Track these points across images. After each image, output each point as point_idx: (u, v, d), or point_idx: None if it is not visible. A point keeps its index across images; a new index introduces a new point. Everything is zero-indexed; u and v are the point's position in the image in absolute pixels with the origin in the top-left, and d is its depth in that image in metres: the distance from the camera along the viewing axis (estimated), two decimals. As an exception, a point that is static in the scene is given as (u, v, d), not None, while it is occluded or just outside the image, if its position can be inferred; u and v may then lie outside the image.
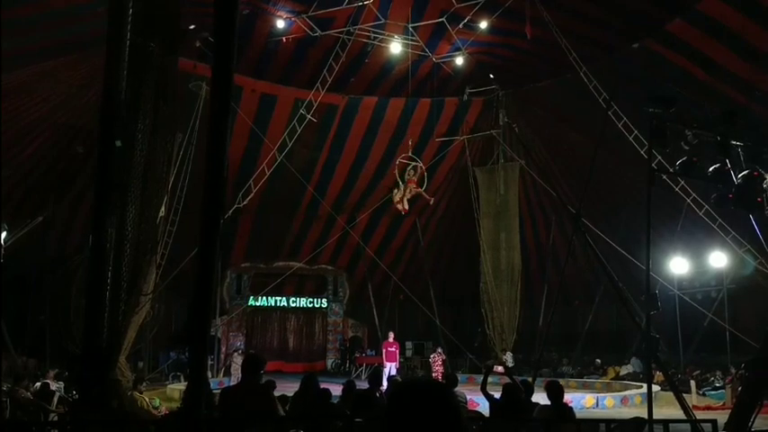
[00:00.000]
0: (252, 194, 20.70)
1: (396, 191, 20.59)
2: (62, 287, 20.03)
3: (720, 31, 15.50)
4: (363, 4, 18.41)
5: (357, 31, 19.64)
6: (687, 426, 6.63)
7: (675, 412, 8.15)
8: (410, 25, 19.49)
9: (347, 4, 18.29)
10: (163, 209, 13.13)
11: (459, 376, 14.04)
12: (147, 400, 12.51)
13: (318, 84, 20.40)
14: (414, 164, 20.40)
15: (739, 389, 12.75)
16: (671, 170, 11.88)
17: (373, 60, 21.08)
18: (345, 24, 19.39)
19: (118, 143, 6.59)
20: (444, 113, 23.90)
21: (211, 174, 4.64)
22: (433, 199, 21.40)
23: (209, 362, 21.61)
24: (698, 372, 20.32)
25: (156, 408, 12.80)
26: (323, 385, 8.10)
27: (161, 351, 24.29)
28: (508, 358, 22.62)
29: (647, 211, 7.68)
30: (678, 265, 20.51)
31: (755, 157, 8.63)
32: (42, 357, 19.34)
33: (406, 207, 20.62)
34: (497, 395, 7.92)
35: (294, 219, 26.16)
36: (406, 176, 20.40)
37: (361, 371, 24.48)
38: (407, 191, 20.23)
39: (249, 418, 5.78)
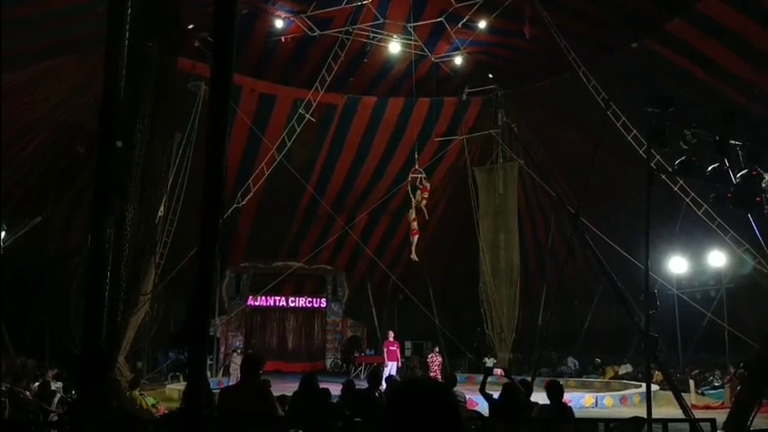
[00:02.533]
0: (251, 194, 20.67)
1: (410, 210, 20.18)
2: (62, 287, 20.02)
3: (720, 31, 15.49)
4: (362, 4, 18.40)
5: (356, 31, 19.63)
6: (686, 425, 6.64)
7: (674, 411, 8.17)
8: (409, 25, 19.48)
9: (346, 3, 18.27)
10: (162, 208, 13.15)
11: (459, 376, 14.05)
12: (143, 399, 12.52)
13: (317, 83, 20.38)
14: (421, 176, 20.07)
15: (738, 388, 12.76)
16: (670, 170, 11.89)
17: (372, 60, 21.07)
18: (344, 24, 19.38)
19: (119, 144, 6.59)
20: (443, 113, 23.89)
21: (210, 173, 4.64)
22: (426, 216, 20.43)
23: (208, 362, 21.62)
24: (697, 371, 20.34)
25: (154, 405, 12.80)
26: (322, 385, 8.11)
27: (160, 351, 24.28)
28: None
29: (646, 211, 7.69)
30: (677, 265, 20.52)
31: (754, 157, 8.64)
32: (42, 357, 19.36)
33: (416, 224, 20.26)
34: (497, 395, 7.92)
35: (293, 218, 26.15)
36: (418, 187, 19.99)
37: (360, 370, 24.49)
38: (417, 205, 19.84)
39: (248, 418, 5.78)
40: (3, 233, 16.96)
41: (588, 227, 16.45)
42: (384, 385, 8.82)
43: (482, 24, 19.00)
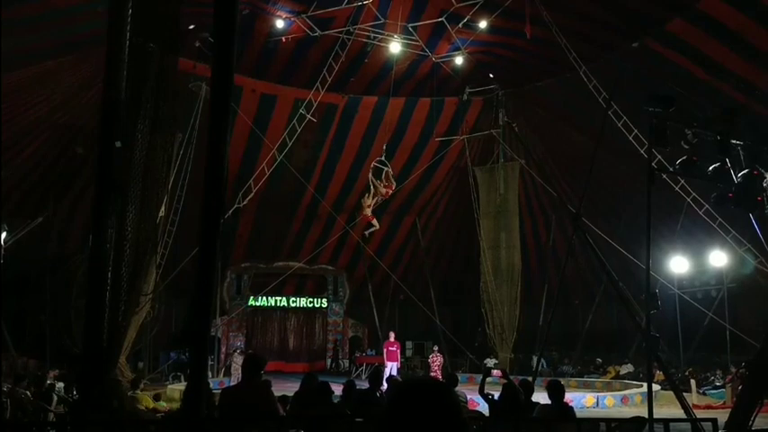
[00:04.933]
0: (252, 194, 20.69)
1: (366, 195, 19.93)
2: (62, 287, 20.02)
3: (720, 30, 15.49)
4: (363, 4, 18.40)
5: (357, 31, 19.64)
6: (687, 425, 6.63)
7: (676, 411, 8.15)
8: (409, 25, 19.48)
9: (347, 3, 18.28)
10: (163, 209, 13.16)
11: (460, 376, 14.03)
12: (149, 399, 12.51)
13: (318, 83, 20.38)
14: (387, 170, 19.85)
15: (740, 388, 12.76)
16: (671, 169, 11.88)
17: (373, 60, 21.07)
18: (345, 24, 19.39)
19: (118, 144, 6.59)
20: (444, 113, 23.89)
21: (211, 174, 4.64)
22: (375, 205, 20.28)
23: (210, 362, 21.62)
24: (691, 370, 20.31)
25: (162, 407, 12.79)
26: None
27: (161, 351, 24.29)
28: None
29: (647, 211, 7.67)
30: (678, 265, 20.50)
31: (755, 156, 8.63)
32: (42, 357, 19.35)
33: (370, 215, 20.06)
34: (497, 396, 7.92)
35: (294, 218, 26.16)
36: (381, 181, 19.61)
37: (362, 371, 24.49)
38: (377, 197, 19.63)
39: (250, 418, 5.78)
40: (4, 234, 16.95)
41: (589, 226, 16.44)
42: (385, 385, 8.81)
43: (483, 24, 19.00)
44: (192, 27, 16.58)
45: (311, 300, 29.24)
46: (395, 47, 20.24)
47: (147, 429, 7.61)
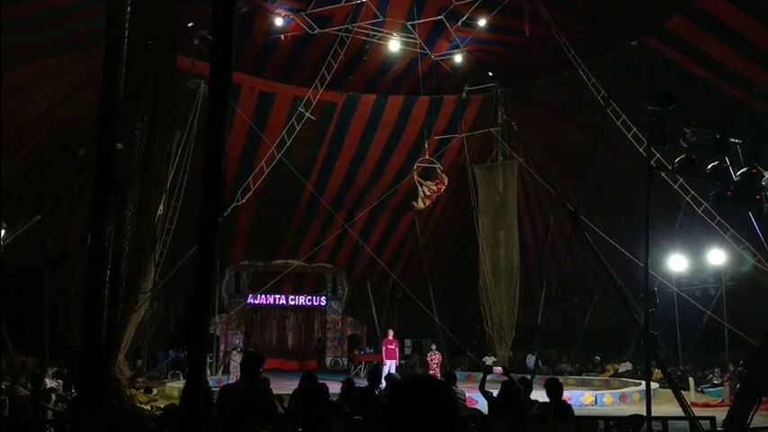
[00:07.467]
0: (251, 192, 20.66)
1: (417, 201, 19.49)
2: (61, 285, 20.01)
3: (720, 28, 15.48)
4: (362, 2, 18.37)
5: (356, 29, 19.61)
6: (686, 423, 6.64)
7: (674, 409, 8.16)
8: (409, 23, 19.47)
9: (346, 1, 18.26)
10: (161, 207, 13.15)
11: (458, 374, 14.05)
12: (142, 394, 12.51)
13: (317, 81, 20.36)
14: (437, 166, 19.49)
15: (738, 386, 12.77)
16: (670, 168, 11.88)
17: (372, 58, 21.05)
18: (344, 22, 19.37)
19: (119, 146, 6.58)
20: (443, 111, 23.87)
21: (210, 172, 4.64)
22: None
23: (208, 360, 21.63)
24: (692, 368, 20.35)
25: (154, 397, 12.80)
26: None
27: (160, 349, 24.31)
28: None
29: (645, 209, 7.68)
30: (677, 263, 20.52)
31: (754, 155, 8.63)
32: (41, 356, 19.36)
33: (432, 197, 19.49)
34: (496, 394, 7.92)
35: (293, 217, 26.15)
36: (427, 182, 19.31)
37: (360, 369, 24.51)
38: (430, 193, 19.18)
39: (248, 416, 5.78)
40: (2, 231, 16.94)
41: (588, 225, 16.45)
42: (384, 383, 8.82)
43: (482, 22, 18.98)
44: (190, 25, 16.54)
45: (310, 298, 29.29)
46: (394, 45, 20.22)
47: (145, 427, 7.61)
